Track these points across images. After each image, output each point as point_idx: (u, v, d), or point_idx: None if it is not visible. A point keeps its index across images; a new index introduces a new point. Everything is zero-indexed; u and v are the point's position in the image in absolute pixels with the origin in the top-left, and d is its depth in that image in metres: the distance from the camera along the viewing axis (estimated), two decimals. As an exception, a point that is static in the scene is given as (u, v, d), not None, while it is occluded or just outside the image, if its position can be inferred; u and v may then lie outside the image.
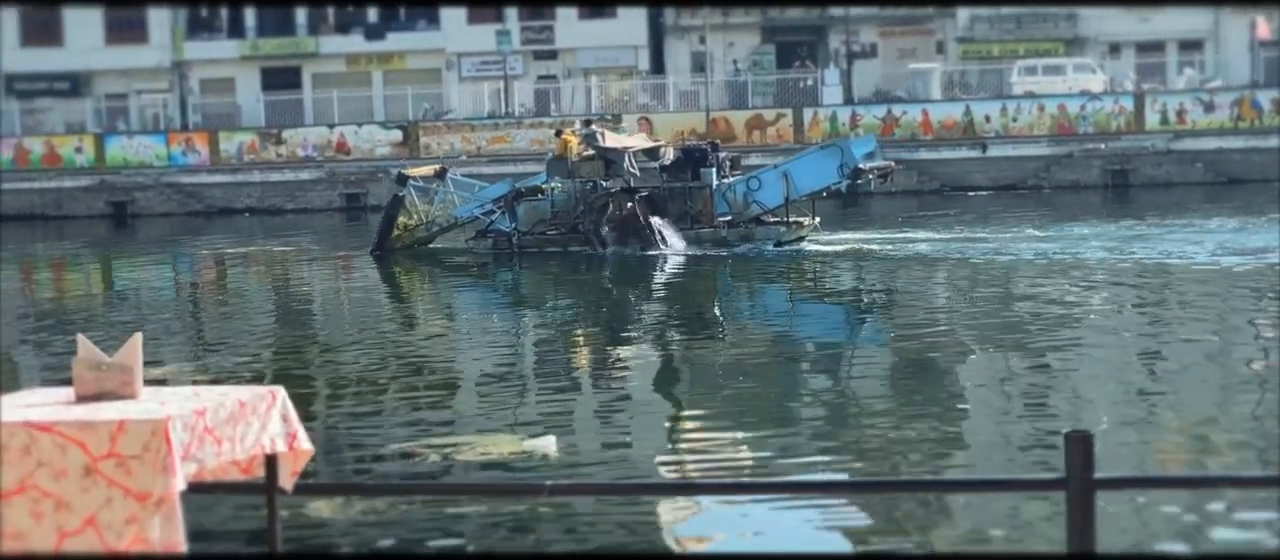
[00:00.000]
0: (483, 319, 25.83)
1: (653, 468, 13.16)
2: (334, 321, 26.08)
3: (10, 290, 33.46)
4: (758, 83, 56.93)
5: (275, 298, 30.55)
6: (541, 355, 21.03)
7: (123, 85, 61.14)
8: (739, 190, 32.15)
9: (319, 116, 56.81)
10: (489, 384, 18.38)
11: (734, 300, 27.18)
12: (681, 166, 32.44)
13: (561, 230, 32.08)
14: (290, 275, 33.26)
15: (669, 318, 25.23)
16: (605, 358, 20.34)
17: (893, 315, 23.25)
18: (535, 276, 30.46)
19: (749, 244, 31.62)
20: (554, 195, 32.32)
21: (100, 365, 5.40)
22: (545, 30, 60.44)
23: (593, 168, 32.06)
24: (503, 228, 32.16)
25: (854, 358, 19.73)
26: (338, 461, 13.10)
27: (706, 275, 29.65)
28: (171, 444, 5.01)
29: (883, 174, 33.51)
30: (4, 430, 5.08)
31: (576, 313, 26.05)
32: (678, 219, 31.74)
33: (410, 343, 22.51)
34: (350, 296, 30.08)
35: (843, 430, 14.53)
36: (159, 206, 51.94)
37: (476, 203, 32.91)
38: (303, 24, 61.76)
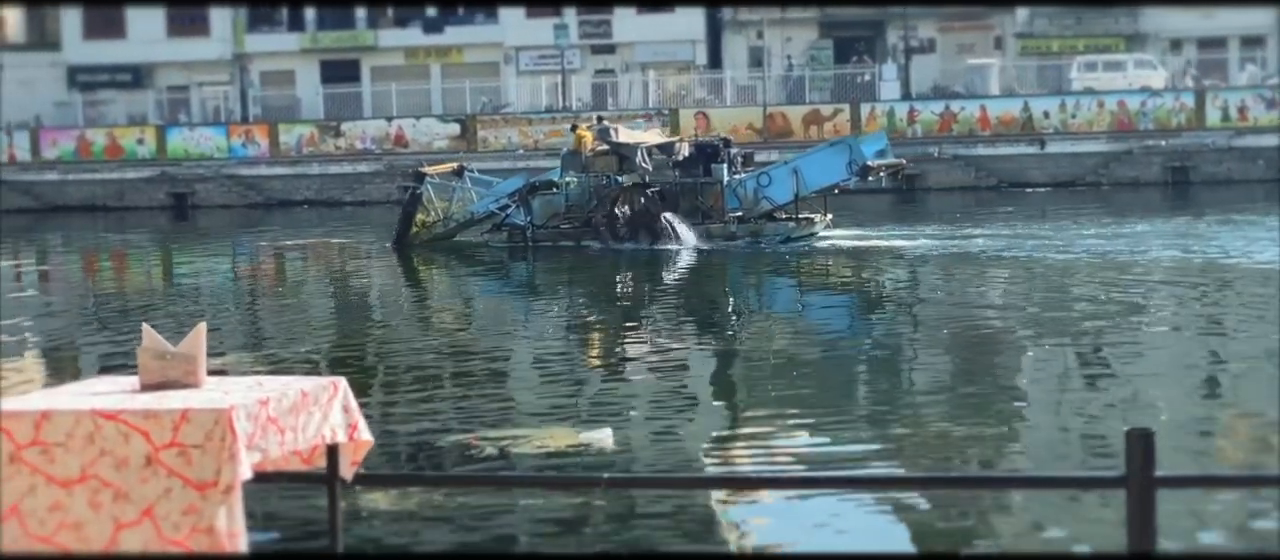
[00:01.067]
0: (517, 310, 25.97)
1: (708, 461, 13.17)
2: (382, 312, 26.22)
3: (73, 280, 33.83)
4: (815, 78, 56.77)
5: (331, 289, 30.73)
6: (587, 347, 21.06)
7: (184, 77, 61.63)
8: (749, 186, 32.40)
9: (377, 109, 57.08)
10: (540, 376, 18.44)
11: (767, 294, 27.17)
12: (694, 162, 32.71)
13: (575, 224, 32.51)
14: (346, 267, 33.41)
15: (707, 311, 25.35)
16: (652, 350, 20.36)
17: (944, 311, 23.13)
18: (553, 269, 30.69)
19: (757, 240, 31.91)
20: (568, 190, 32.67)
21: (165, 354, 5.44)
22: (603, 24, 60.47)
23: (607, 163, 32.51)
24: (518, 221, 32.61)
25: (904, 353, 19.65)
26: (393, 452, 13.17)
27: (730, 269, 29.75)
28: (236, 433, 5.05)
29: (893, 171, 33.90)
30: (69, 417, 5.13)
31: (610, 305, 26.18)
32: (689, 214, 32.01)
33: (455, 334, 22.59)
34: (395, 288, 30.22)
35: (896, 425, 14.48)
36: (219, 198, 52.32)
37: (492, 198, 33.30)
38: (362, 17, 62.04)
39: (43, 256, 39.72)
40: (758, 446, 13.70)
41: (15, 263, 37.52)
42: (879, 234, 34.19)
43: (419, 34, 61.44)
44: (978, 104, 52.21)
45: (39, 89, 61.03)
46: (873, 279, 27.95)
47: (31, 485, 5.13)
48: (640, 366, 19.14)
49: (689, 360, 19.30)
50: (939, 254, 30.03)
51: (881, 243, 32.29)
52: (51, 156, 55.00)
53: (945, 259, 29.26)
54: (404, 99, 56.92)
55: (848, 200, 45.32)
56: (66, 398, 5.34)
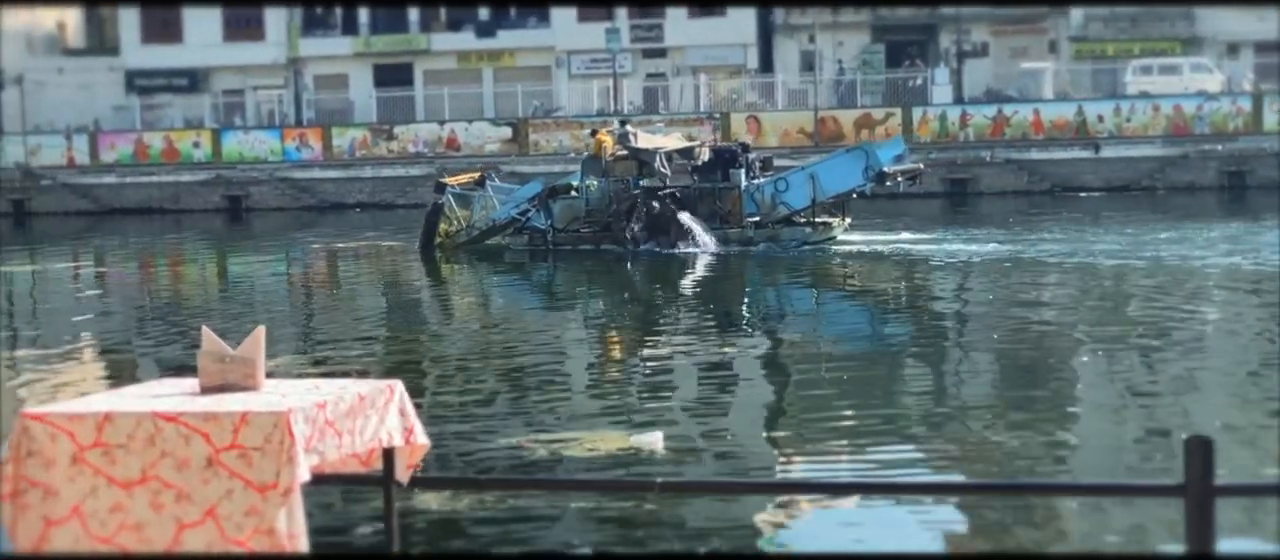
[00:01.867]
0: (554, 314, 26.11)
1: (759, 466, 13.16)
2: (427, 315, 26.36)
3: (130, 282, 34.12)
4: (867, 82, 56.63)
5: (382, 292, 30.88)
6: (632, 350, 21.06)
7: (239, 81, 62.07)
8: (767, 191, 32.68)
9: (430, 113, 57.33)
10: (587, 379, 18.51)
11: (803, 298, 27.14)
12: (712, 167, 33.02)
13: (595, 228, 32.86)
14: (396, 270, 33.55)
15: (744, 314, 25.43)
16: (696, 353, 20.36)
17: (993, 316, 23.01)
18: (576, 273, 30.86)
19: (774, 243, 32.18)
20: (589, 194, 32.99)
21: (224, 357, 5.50)
22: (654, 28, 60.51)
23: (626, 167, 32.83)
24: (539, 225, 33.03)
25: (952, 358, 19.57)
26: (443, 455, 13.21)
27: (760, 273, 29.87)
28: (294, 436, 5.09)
29: (911, 176, 33.94)
30: (131, 419, 5.19)
31: (646, 308, 26.29)
32: (707, 218, 32.30)
33: (499, 336, 22.65)
34: (437, 291, 30.36)
35: (947, 430, 14.42)
36: (273, 201, 52.67)
37: (513, 203, 33.69)
38: (415, 21, 62.32)
39: (100, 259, 40.08)
40: (809, 451, 13.68)
41: (73, 265, 37.90)
42: (926, 237, 34.03)
43: (471, 38, 61.64)
44: (1031, 108, 51.95)
45: (98, 93, 61.60)
46: (917, 283, 27.81)
47: (93, 487, 5.20)
48: (687, 370, 19.14)
49: (735, 363, 19.28)
50: (989, 259, 29.87)
51: (921, 247, 32.10)
52: (109, 160, 55.50)
53: (995, 264, 29.11)
54: (456, 102, 57.13)
55: (899, 204, 45.26)
56: (128, 400, 5.40)
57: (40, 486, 5.20)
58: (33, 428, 5.20)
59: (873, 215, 41.23)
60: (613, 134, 34.08)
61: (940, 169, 49.87)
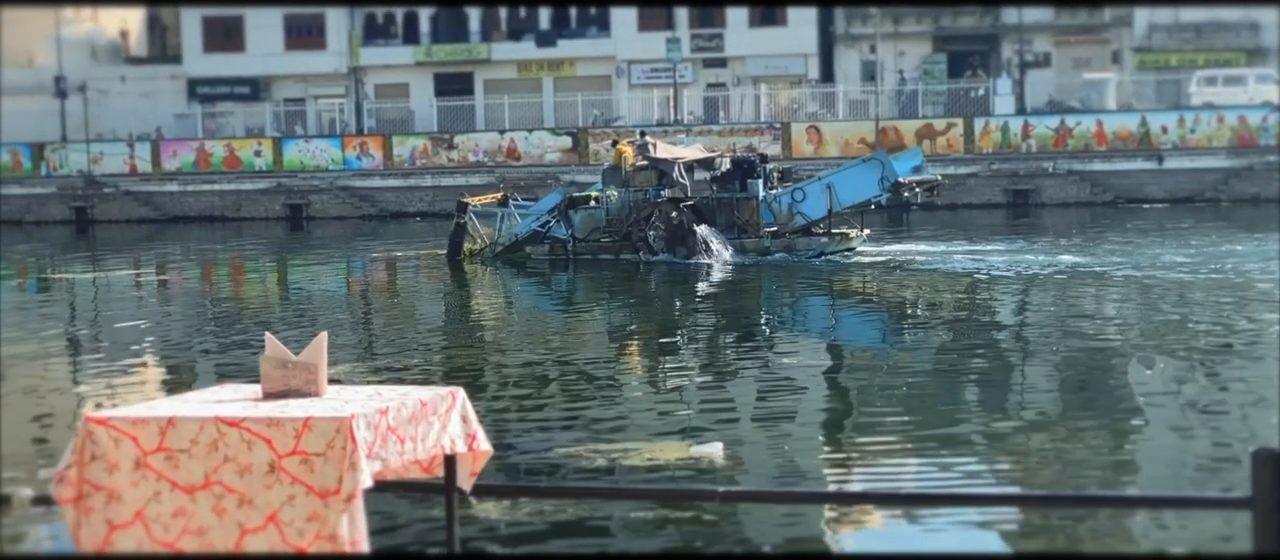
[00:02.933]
0: (595, 322, 26.15)
1: (818, 476, 13.10)
2: (480, 322, 26.43)
3: (191, 289, 34.38)
4: (928, 92, 56.41)
5: (440, 299, 31.00)
6: (684, 359, 21.03)
7: (300, 90, 62.48)
8: (784, 201, 32.97)
9: (490, 122, 57.52)
10: (642, 387, 18.50)
11: (846, 308, 27.06)
12: (731, 177, 33.42)
13: (615, 237, 33.33)
14: (450, 278, 33.65)
15: (790, 325, 25.46)
16: (749, 364, 20.36)
17: (1051, 326, 22.81)
18: (600, 282, 31.09)
19: (791, 254, 32.50)
20: (609, 204, 33.52)
21: (287, 363, 5.50)
22: (715, 38, 60.49)
23: (646, 177, 33.31)
24: (560, 235, 33.61)
25: (1013, 370, 19.41)
26: (501, 462, 13.22)
27: (797, 283, 29.92)
28: (357, 441, 5.09)
29: (929, 188, 34.38)
30: (194, 424, 5.20)
31: (688, 318, 26.44)
32: (725, 229, 32.74)
33: (546, 344, 22.68)
34: (488, 298, 30.46)
35: (1009, 442, 14.31)
36: (333, 209, 52.97)
37: (533, 216, 34.34)
38: (476, 31, 62.54)
39: (162, 266, 40.39)
40: (868, 461, 13.60)
41: (135, 272, 38.21)
42: (986, 248, 33.82)
43: (532, 47, 61.80)
44: (1094, 119, 51.60)
45: (160, 101, 62.13)
46: (975, 294, 27.58)
47: (156, 491, 5.21)
48: (742, 379, 19.11)
49: (788, 373, 19.21)
50: (1050, 270, 29.65)
51: (978, 258, 31.87)
52: (172, 168, 55.97)
53: (1057, 275, 28.89)
54: (516, 112, 57.30)
55: (960, 215, 45.07)
56: (191, 405, 5.41)
57: (104, 491, 5.22)
58: (97, 432, 5.22)
59: (932, 225, 41.08)
60: (633, 145, 34.47)
61: (1002, 180, 49.62)
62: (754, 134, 52.65)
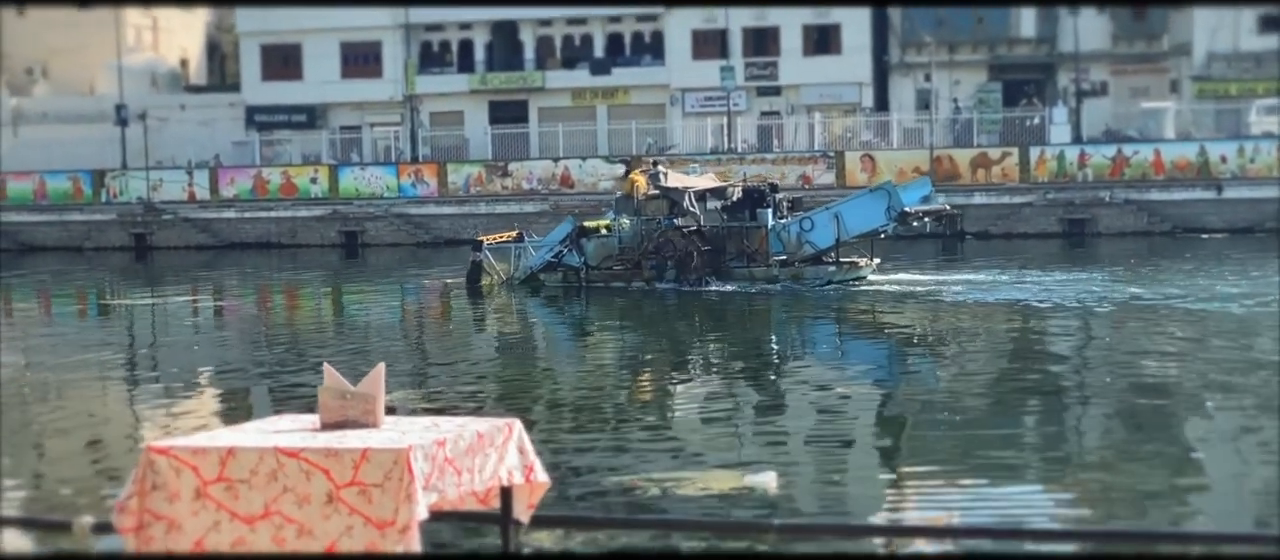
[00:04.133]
0: (645, 351, 26.19)
1: (872, 507, 13.03)
2: (534, 351, 26.48)
3: (248, 316, 34.59)
4: (983, 121, 56.17)
5: (495, 328, 31.08)
6: (729, 388, 21.00)
7: (356, 118, 62.83)
8: (793, 230, 33.35)
9: (544, 150, 57.66)
10: (692, 416, 18.49)
11: (888, 338, 26.96)
12: (741, 207, 33.84)
13: (627, 265, 33.82)
14: (502, 307, 33.74)
15: (832, 354, 25.52)
16: (795, 391, 20.33)
17: (1103, 358, 22.61)
18: (623, 309, 31.33)
19: (799, 282, 32.87)
20: (622, 232, 34.03)
21: (345, 394, 5.53)
22: (769, 66, 60.48)
23: (657, 206, 33.76)
24: (573, 263, 34.14)
25: (1067, 401, 19.25)
26: (555, 490, 13.21)
27: (837, 312, 30.07)
28: (414, 473, 5.10)
29: (938, 217, 34.89)
30: (253, 455, 5.23)
31: (724, 346, 26.58)
32: (735, 257, 33.25)
33: (589, 371, 22.71)
34: (545, 327, 30.52)
35: (1064, 475, 14.20)
36: (388, 236, 53.17)
37: (546, 248, 34.89)
38: (530, 58, 62.76)
39: (219, 292, 40.66)
40: (922, 492, 13.53)
41: (192, 298, 38.49)
42: (1026, 280, 33.60)
43: (586, 75, 61.95)
44: (1151, 148, 51.24)
45: (219, 129, 62.65)
46: (1027, 324, 27.38)
47: (216, 521, 5.24)
48: (791, 408, 19.08)
49: (835, 402, 19.15)
50: (1107, 300, 29.43)
51: (1029, 290, 31.68)
52: (229, 195, 56.37)
53: (1114, 305, 28.66)
54: (570, 139, 57.42)
55: (1015, 245, 44.83)
56: (250, 435, 5.44)
57: (164, 520, 5.25)
58: (158, 462, 5.26)
59: (987, 255, 40.88)
60: (645, 174, 34.91)
61: (1058, 209, 49.34)
62: (808, 162, 52.57)
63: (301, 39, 63.26)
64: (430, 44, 63.80)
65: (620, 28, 62.47)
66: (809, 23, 59.95)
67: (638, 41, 62.29)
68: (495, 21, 62.68)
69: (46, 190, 57.78)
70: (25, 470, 15.59)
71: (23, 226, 56.66)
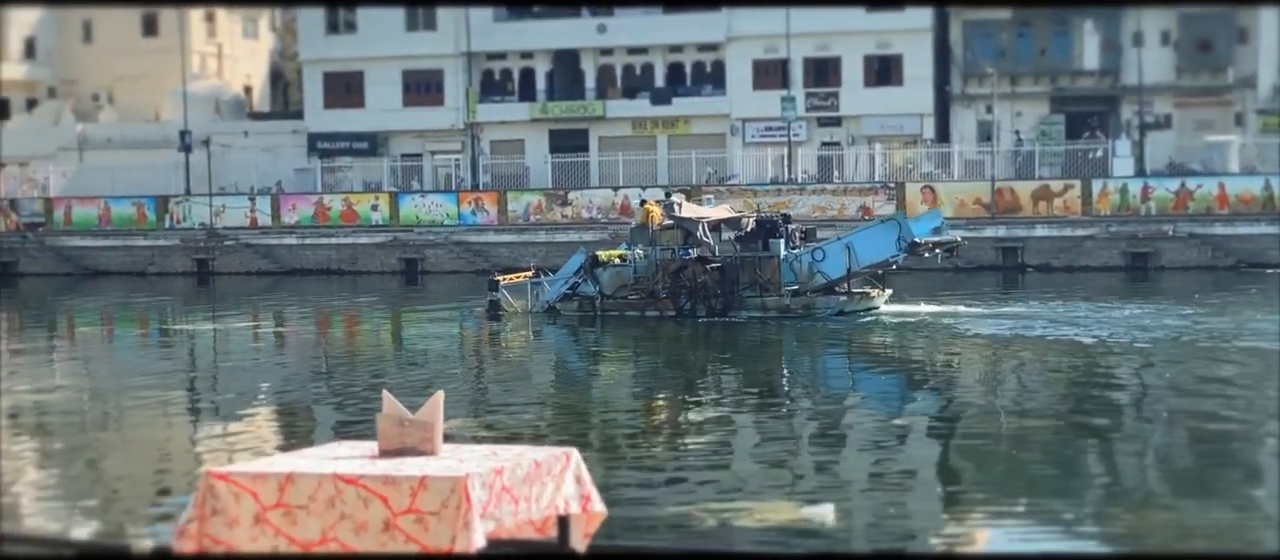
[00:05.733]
0: (686, 379, 26.23)
1: (930, 538, 12.93)
2: (588, 379, 26.49)
3: (308, 342, 34.77)
4: (1045, 153, 55.87)
5: (553, 356, 31.13)
6: (780, 418, 20.92)
7: (417, 145, 63.18)
8: (805, 260, 33.71)
9: (604, 178, 57.76)
10: (748, 445, 18.45)
11: (944, 368, 26.79)
12: (754, 236, 34.30)
13: (642, 295, 34.21)
14: (542, 334, 33.79)
15: (884, 383, 25.43)
16: (841, 422, 20.26)
17: (1159, 393, 22.37)
18: (648, 338, 31.48)
19: (810, 312, 33.17)
20: (637, 262, 34.48)
21: (404, 421, 5.53)
22: (830, 97, 60.39)
23: (672, 236, 34.24)
24: (589, 292, 34.61)
25: (1125, 435, 19.06)
26: (611, 519, 13.18)
27: (887, 341, 30.18)
28: (471, 501, 5.09)
29: (948, 248, 34.94)
30: (312, 481, 5.24)
31: (764, 375, 26.75)
32: (748, 286, 33.63)
33: (639, 401, 22.68)
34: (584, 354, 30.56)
35: (1119, 507, 14.05)
36: (448, 264, 53.34)
37: (562, 280, 35.36)
38: (591, 87, 62.94)
39: (279, 319, 40.90)
40: (978, 523, 13.42)
41: (253, 324, 38.73)
42: (1082, 315, 33.33)
43: (647, 105, 62.05)
44: (1216, 181, 50.77)
45: (281, 156, 63.15)
46: (1079, 358, 27.13)
47: (274, 547, 5.25)
48: (842, 438, 19.00)
49: (887, 434, 19.05)
50: (1164, 335, 29.14)
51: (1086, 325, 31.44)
52: (290, 221, 56.75)
53: (1171, 339, 28.37)
54: (630, 168, 57.51)
55: (1076, 278, 44.51)
56: (309, 461, 5.45)
57: (223, 545, 5.26)
58: (217, 487, 5.28)
59: (1048, 289, 40.61)
60: (660, 205, 35.34)
61: (1120, 242, 48.97)
62: (868, 193, 52.42)
63: (364, 67, 63.71)
64: (492, 72, 64.08)
65: (681, 58, 62.57)
66: (870, 53, 59.87)
67: (698, 71, 62.35)
68: (557, 51, 62.90)
69: (111, 215, 58.38)
70: (86, 494, 15.70)
71: (87, 251, 57.25)
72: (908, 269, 41.31)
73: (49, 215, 59.18)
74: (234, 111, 68.83)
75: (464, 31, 61.92)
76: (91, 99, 70.79)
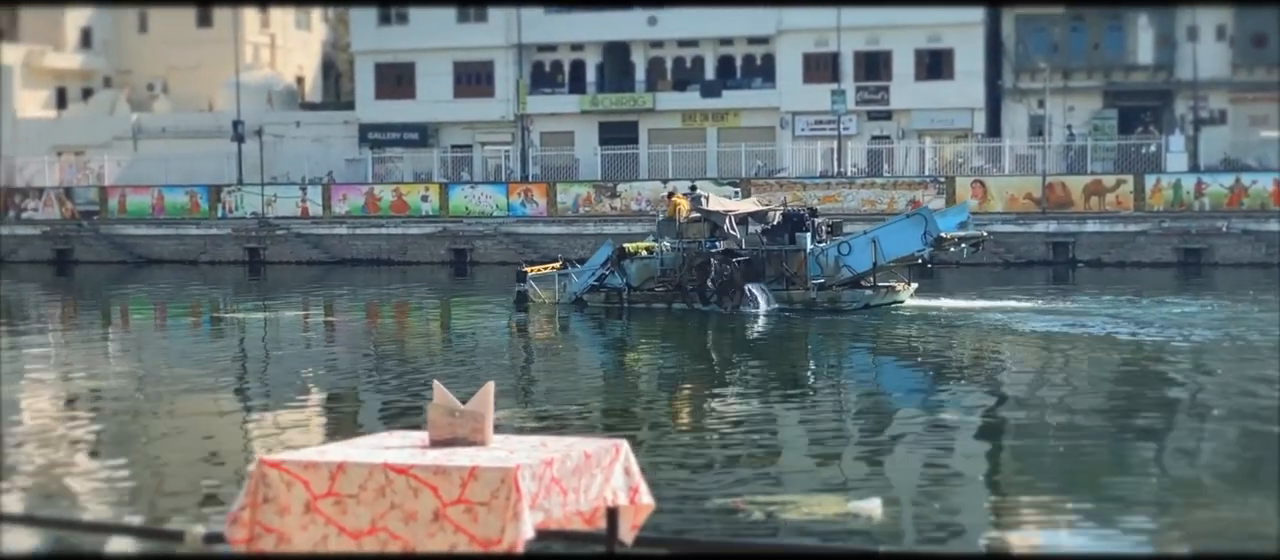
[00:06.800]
0: (727, 372, 26.19)
1: (978, 535, 12.90)
2: (625, 370, 26.51)
3: (357, 331, 34.94)
4: (1098, 148, 55.54)
5: (600, 347, 31.19)
6: (825, 411, 20.89)
7: (468, 136, 63.36)
8: (831, 254, 33.82)
9: (654, 171, 57.76)
10: (794, 437, 18.43)
11: (992, 362, 26.68)
12: (780, 230, 34.37)
13: (668, 287, 34.30)
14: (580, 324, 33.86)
15: (927, 376, 25.41)
16: (898, 416, 20.20)
17: (1210, 391, 22.21)
18: (677, 329, 31.75)
19: (836, 305, 33.24)
20: (663, 255, 34.64)
21: (454, 411, 5.56)
22: (881, 90, 60.20)
23: (698, 229, 34.27)
24: (616, 285, 34.76)
25: (1173, 433, 18.93)
26: (657, 511, 13.20)
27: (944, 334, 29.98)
28: (521, 492, 5.12)
29: (974, 243, 35.08)
30: (363, 470, 5.27)
31: (804, 369, 26.81)
32: (774, 280, 33.71)
33: (681, 392, 22.70)
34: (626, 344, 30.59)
35: (1170, 505, 13.98)
36: (496, 254, 53.48)
37: (588, 272, 35.57)
38: (641, 80, 62.94)
39: (329, 308, 41.12)
40: (1027, 521, 13.37)
41: (303, 313, 38.95)
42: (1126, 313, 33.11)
43: (696, 97, 62.01)
44: (1270, 178, 50.36)
45: (333, 146, 63.45)
46: (1130, 355, 26.97)
47: (324, 536, 5.29)
48: (889, 432, 18.96)
49: (931, 427, 18.98)
50: (1214, 335, 28.93)
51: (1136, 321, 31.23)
52: (341, 211, 57.03)
53: (1219, 340, 28.17)
54: (680, 161, 57.49)
55: (1128, 273, 44.25)
56: (360, 451, 5.48)
57: (274, 533, 5.31)
58: (269, 474, 5.32)
59: (1098, 284, 40.38)
60: (687, 197, 35.43)
61: (1173, 238, 48.64)
62: (918, 187, 52.24)
63: (415, 58, 63.94)
64: (542, 64, 64.19)
65: (732, 50, 62.50)
66: (921, 47, 59.65)
67: (749, 64, 62.27)
68: (607, 43, 62.95)
69: (164, 204, 58.83)
70: (139, 479, 15.84)
71: (141, 239, 57.71)
72: (959, 264, 41.19)
73: (104, 204, 59.71)
74: (286, 102, 69.21)
75: (515, 23, 62.06)
76: (146, 89, 71.32)
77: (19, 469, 16.15)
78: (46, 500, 14.63)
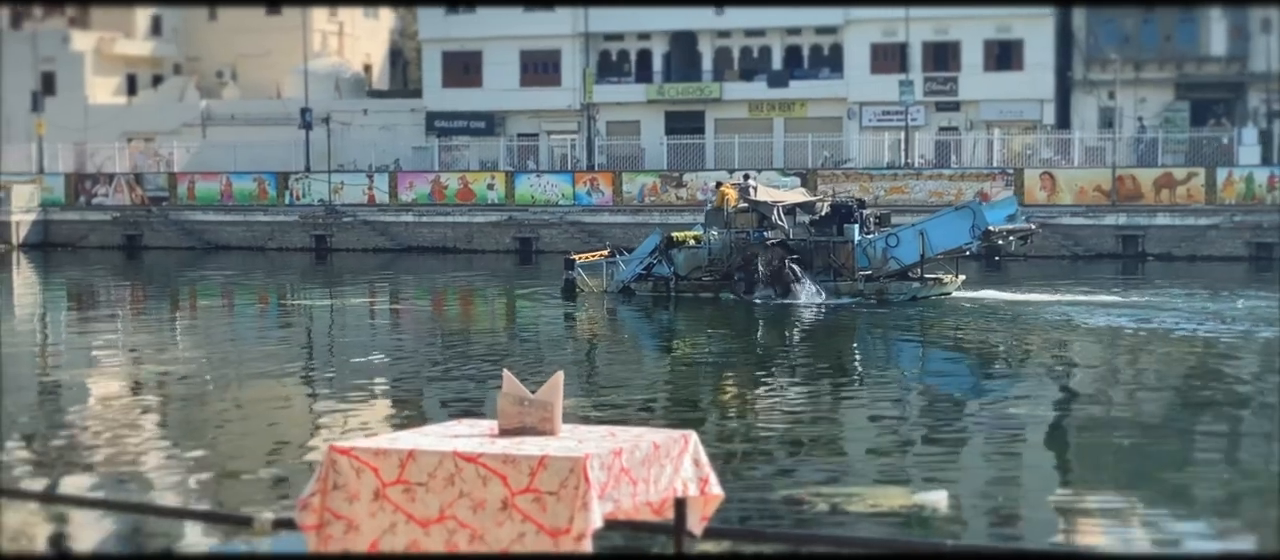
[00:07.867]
0: (779, 362, 26.16)
1: (1044, 531, 12.79)
2: (692, 359, 26.47)
3: (423, 319, 35.09)
4: (1168, 140, 54.96)
5: (651, 335, 31.19)
6: (891, 403, 20.77)
7: (534, 125, 63.46)
8: (878, 246, 33.77)
9: (720, 161, 57.62)
10: (858, 429, 18.35)
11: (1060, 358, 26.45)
12: (829, 221, 34.33)
13: (716, 277, 34.31)
14: (663, 315, 33.86)
15: (984, 368, 25.33)
16: (966, 410, 20.07)
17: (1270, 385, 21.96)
18: (727, 318, 31.67)
19: (883, 297, 33.16)
20: (712, 244, 34.56)
21: (523, 401, 5.55)
22: (949, 81, 59.82)
23: (747, 219, 34.25)
24: (664, 274, 34.80)
25: (1243, 431, 18.70)
26: (724, 502, 13.16)
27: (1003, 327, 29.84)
28: (590, 482, 5.10)
29: (1022, 236, 35.17)
30: (433, 458, 5.27)
31: (862, 361, 26.85)
32: (821, 271, 33.65)
33: (743, 384, 22.66)
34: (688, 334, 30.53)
35: (1238, 503, 13.80)
36: (561, 243, 53.49)
37: (636, 261, 35.67)
38: (708, 70, 62.82)
39: (395, 295, 41.31)
40: (1093, 516, 13.25)
41: (370, 300, 39.16)
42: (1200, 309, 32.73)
43: (763, 87, 61.84)
44: (1345, 172, 49.68)
45: (399, 134, 63.69)
46: (1197, 351, 26.67)
47: (392, 523, 5.30)
48: (955, 425, 18.84)
49: (1004, 421, 18.85)
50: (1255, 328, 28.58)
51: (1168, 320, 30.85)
52: (407, 199, 57.25)
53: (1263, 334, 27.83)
54: (746, 151, 57.34)
55: (1197, 267, 43.80)
56: (430, 439, 5.49)
57: (343, 520, 5.32)
58: (340, 462, 5.33)
59: (1168, 277, 40.00)
60: (736, 187, 35.36)
61: (1245, 232, 48.10)
62: (986, 179, 51.88)
63: (482, 47, 64.10)
64: (609, 53, 64.18)
65: (799, 40, 62.28)
66: (990, 38, 59.23)
67: (816, 54, 62.04)
68: (674, 32, 62.86)
69: (232, 191, 59.26)
70: (208, 465, 15.97)
71: (209, 226, 58.17)
72: (1026, 258, 40.89)
73: (173, 190, 60.23)
74: (353, 90, 69.56)
75: (581, 12, 62.08)
76: (215, 76, 71.88)
77: (91, 454, 16.33)
78: (118, 485, 14.78)
